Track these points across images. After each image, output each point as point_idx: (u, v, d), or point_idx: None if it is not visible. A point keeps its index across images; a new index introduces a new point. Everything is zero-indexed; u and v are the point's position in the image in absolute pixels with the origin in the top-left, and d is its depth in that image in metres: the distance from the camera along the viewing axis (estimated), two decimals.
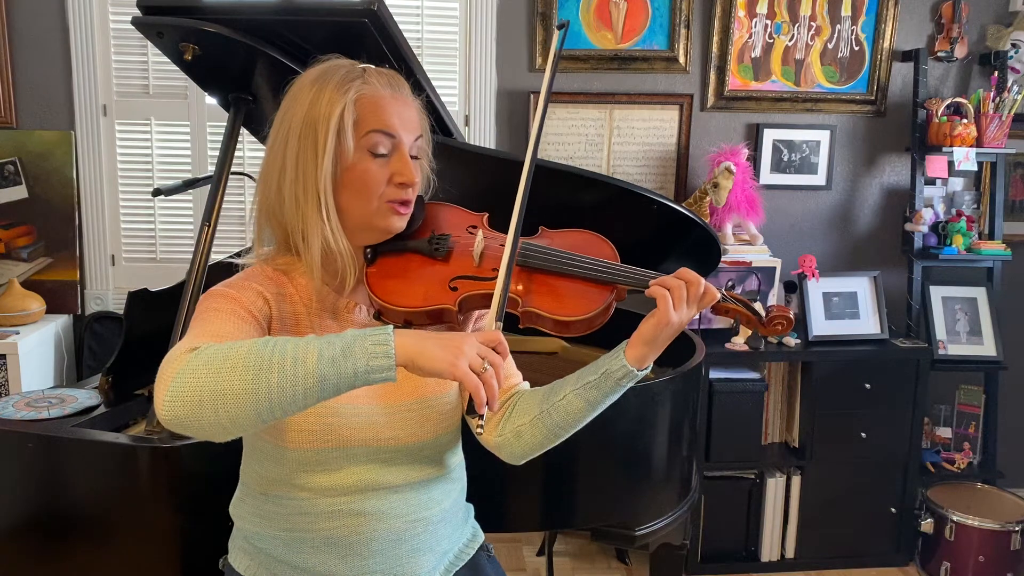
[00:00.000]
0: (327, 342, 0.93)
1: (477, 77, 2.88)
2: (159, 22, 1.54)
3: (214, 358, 0.92)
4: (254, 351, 0.92)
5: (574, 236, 1.25)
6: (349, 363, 0.92)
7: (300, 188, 1.10)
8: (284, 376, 0.91)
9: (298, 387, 0.91)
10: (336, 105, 1.08)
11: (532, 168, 1.18)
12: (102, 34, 2.77)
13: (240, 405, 0.91)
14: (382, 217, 1.14)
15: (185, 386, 0.91)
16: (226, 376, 0.91)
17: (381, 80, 1.12)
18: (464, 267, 1.19)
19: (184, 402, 0.91)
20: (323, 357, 0.92)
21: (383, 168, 1.12)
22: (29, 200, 2.77)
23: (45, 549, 1.51)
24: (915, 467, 2.85)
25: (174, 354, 0.95)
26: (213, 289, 1.11)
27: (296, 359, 0.92)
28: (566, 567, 2.87)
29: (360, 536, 1.15)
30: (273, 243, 1.18)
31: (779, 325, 1.17)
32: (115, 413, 1.68)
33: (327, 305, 1.17)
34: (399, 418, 1.17)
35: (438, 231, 1.23)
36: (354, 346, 0.93)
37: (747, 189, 2.80)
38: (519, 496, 1.77)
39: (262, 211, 1.16)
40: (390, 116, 1.11)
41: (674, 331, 1.13)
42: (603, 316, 1.16)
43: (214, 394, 0.91)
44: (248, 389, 0.91)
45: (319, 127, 1.08)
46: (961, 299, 3.02)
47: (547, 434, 1.20)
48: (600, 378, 1.16)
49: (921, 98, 2.95)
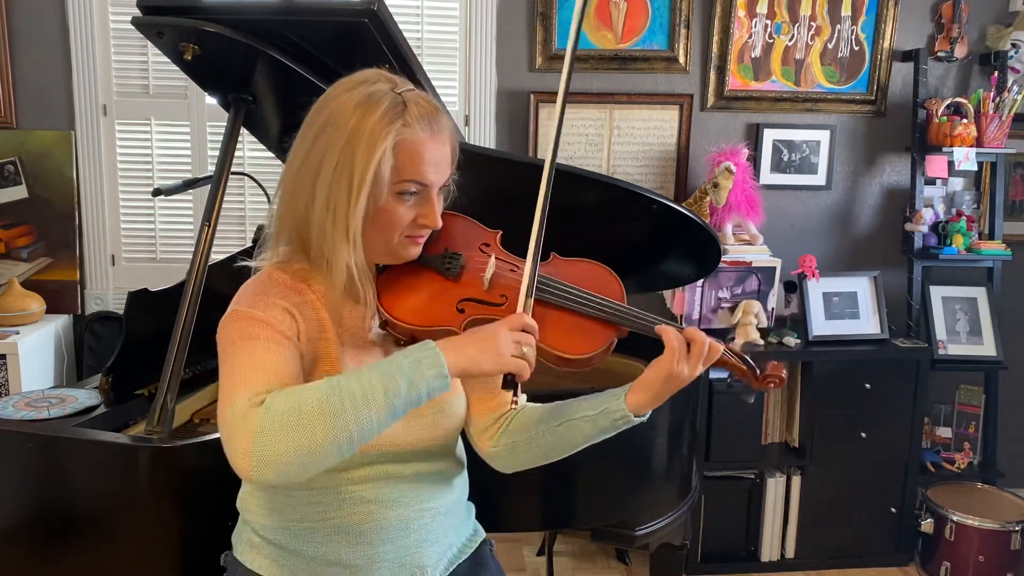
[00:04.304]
0: (388, 374, 0.98)
1: (477, 77, 2.88)
2: (159, 22, 1.54)
3: (287, 414, 0.95)
4: (323, 399, 0.96)
5: (584, 268, 1.26)
6: (414, 393, 0.99)
7: (330, 220, 1.09)
8: (359, 418, 0.96)
9: (374, 424, 0.97)
10: (377, 147, 1.06)
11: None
12: (102, 34, 2.76)
13: (325, 454, 0.96)
14: (402, 248, 1.16)
15: (267, 451, 0.94)
16: (305, 432, 0.94)
17: (421, 118, 1.10)
18: (473, 290, 1.19)
19: (271, 465, 0.94)
20: (389, 392, 0.97)
21: (410, 210, 1.13)
22: (29, 200, 2.77)
23: (45, 549, 1.51)
24: (915, 467, 2.85)
25: (241, 410, 0.96)
26: (238, 311, 1.09)
27: (366, 397, 0.97)
28: (566, 567, 2.87)
29: (370, 524, 1.17)
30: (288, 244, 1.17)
31: (771, 383, 1.19)
32: (115, 413, 1.68)
33: (344, 315, 1.17)
34: (416, 424, 1.19)
35: (452, 248, 1.23)
36: (415, 377, 0.99)
37: (747, 189, 2.80)
38: (519, 496, 1.78)
39: (285, 221, 1.15)
40: (426, 165, 1.11)
41: (675, 385, 1.14)
42: (603, 356, 1.17)
43: (299, 452, 0.94)
44: (329, 438, 0.95)
45: (355, 166, 1.07)
46: (961, 299, 3.02)
47: (538, 454, 1.24)
48: (598, 415, 1.18)
49: (921, 98, 2.95)
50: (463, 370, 1.02)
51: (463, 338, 1.04)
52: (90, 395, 1.73)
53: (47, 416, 1.59)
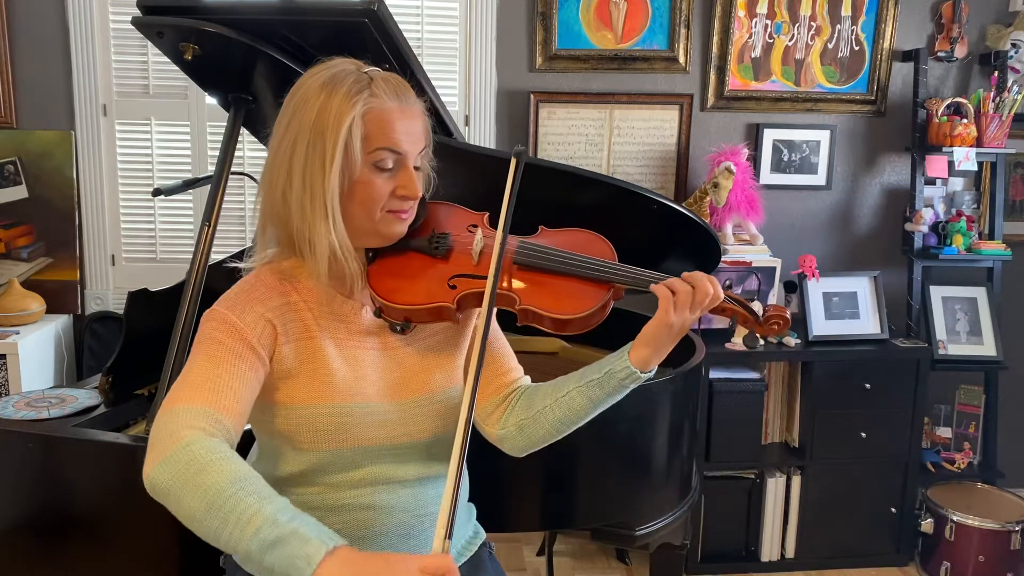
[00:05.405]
0: (273, 522, 0.90)
1: (477, 77, 2.88)
2: (159, 22, 1.54)
3: (193, 465, 0.94)
4: (218, 487, 0.92)
5: (573, 235, 1.26)
6: (272, 556, 0.89)
7: (307, 198, 1.10)
8: (224, 529, 0.91)
9: (231, 545, 0.92)
10: (344, 118, 1.08)
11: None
12: (102, 34, 2.76)
13: (189, 523, 0.94)
14: (385, 225, 1.15)
15: (164, 477, 0.95)
16: (189, 495, 0.93)
17: (388, 90, 1.11)
18: (463, 265, 1.20)
19: (159, 489, 0.96)
20: (257, 535, 0.89)
21: (388, 181, 1.13)
22: (29, 200, 2.77)
23: (45, 549, 1.51)
24: (915, 467, 2.85)
25: (172, 426, 0.98)
26: (216, 310, 1.11)
27: (240, 521, 0.90)
28: (566, 567, 2.87)
29: (370, 530, 1.17)
30: (275, 244, 1.18)
31: (775, 325, 1.17)
32: (115, 413, 1.68)
33: (334, 309, 1.17)
34: (410, 414, 1.18)
35: (439, 230, 1.24)
36: (286, 544, 0.88)
37: (747, 189, 2.80)
38: (519, 496, 1.78)
39: (266, 214, 1.16)
40: (397, 133, 1.11)
41: (676, 333, 1.13)
42: (600, 315, 1.17)
43: (177, 502, 0.95)
44: (198, 518, 0.93)
45: (327, 139, 1.08)
46: (961, 299, 3.02)
47: (549, 429, 1.22)
48: (603, 377, 1.17)
49: (921, 98, 2.95)
50: None
51: (369, 558, 0.89)
52: (90, 395, 1.73)
53: (47, 416, 1.59)
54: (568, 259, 1.18)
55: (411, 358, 1.21)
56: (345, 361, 1.15)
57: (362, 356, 1.17)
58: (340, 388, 1.14)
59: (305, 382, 1.13)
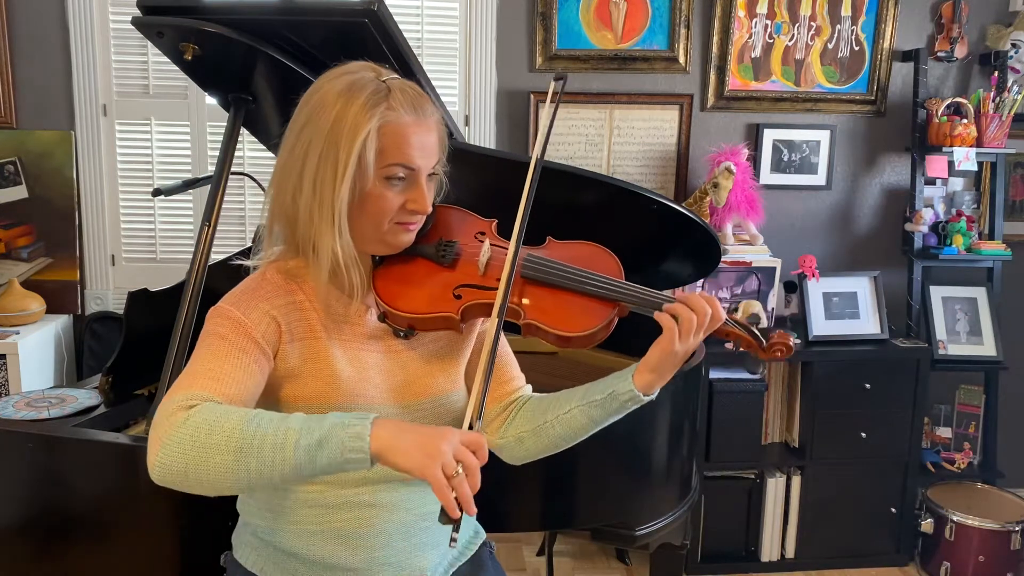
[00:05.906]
0: (307, 429, 0.94)
1: (477, 77, 2.88)
2: (159, 22, 1.54)
3: (201, 429, 0.94)
4: (238, 431, 0.94)
5: (580, 248, 1.25)
6: (324, 454, 0.93)
7: (316, 204, 1.09)
8: (263, 462, 0.93)
9: (275, 473, 0.94)
10: (360, 130, 1.06)
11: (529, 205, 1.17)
12: (102, 34, 2.76)
13: (222, 481, 0.95)
14: (392, 235, 1.15)
15: (172, 457, 0.95)
16: (210, 454, 0.93)
17: (405, 103, 1.10)
18: (469, 275, 1.19)
19: (171, 471, 0.96)
20: (299, 446, 0.93)
21: (399, 195, 1.12)
22: (29, 200, 2.77)
23: (45, 549, 1.51)
24: (915, 467, 2.85)
25: (172, 407, 0.98)
26: (221, 306, 1.11)
27: (276, 445, 0.93)
28: (566, 567, 2.87)
29: (371, 528, 1.17)
30: (282, 242, 1.17)
31: (779, 351, 1.17)
32: (115, 413, 1.68)
33: (339, 310, 1.17)
34: (413, 417, 1.19)
35: (446, 237, 1.23)
36: (331, 438, 0.93)
37: (747, 189, 2.80)
38: (519, 496, 1.78)
39: (275, 213, 1.16)
40: (412, 148, 1.10)
41: (681, 359, 1.14)
42: (604, 332, 1.17)
43: (198, 470, 0.94)
44: (230, 469, 0.93)
45: (340, 149, 1.07)
46: (961, 299, 3.02)
47: (548, 444, 1.23)
48: (606, 398, 1.17)
49: (921, 98, 2.95)
50: (385, 455, 0.93)
51: (409, 426, 0.95)
52: (90, 395, 1.73)
53: (47, 416, 1.59)
54: (575, 275, 1.18)
55: (414, 362, 1.21)
56: (349, 363, 1.15)
57: (366, 358, 1.17)
58: (344, 389, 1.13)
59: (309, 382, 1.13)
